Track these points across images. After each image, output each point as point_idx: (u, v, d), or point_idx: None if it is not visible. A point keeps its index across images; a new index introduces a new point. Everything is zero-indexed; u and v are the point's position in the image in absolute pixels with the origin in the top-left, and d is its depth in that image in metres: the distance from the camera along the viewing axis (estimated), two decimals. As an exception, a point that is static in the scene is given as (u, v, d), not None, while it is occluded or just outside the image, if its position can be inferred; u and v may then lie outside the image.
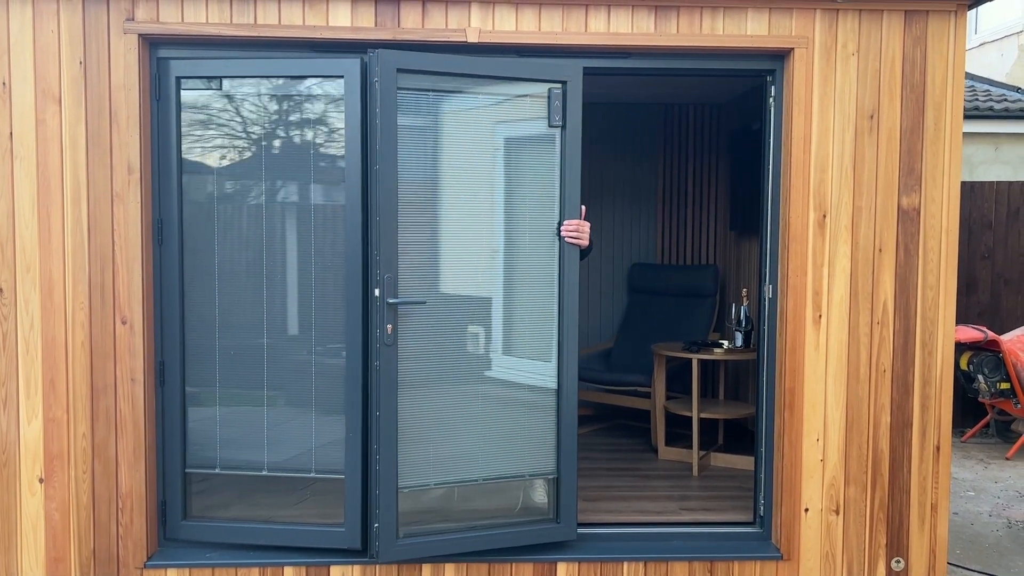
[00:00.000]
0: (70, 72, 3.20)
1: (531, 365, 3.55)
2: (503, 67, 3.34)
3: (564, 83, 3.41)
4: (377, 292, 3.24)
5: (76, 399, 3.28)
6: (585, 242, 3.54)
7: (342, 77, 3.30)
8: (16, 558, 3.29)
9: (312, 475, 3.46)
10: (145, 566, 3.36)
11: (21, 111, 3.20)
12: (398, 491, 3.34)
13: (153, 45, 3.31)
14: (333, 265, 3.38)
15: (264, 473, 3.46)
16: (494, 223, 3.45)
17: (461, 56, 3.31)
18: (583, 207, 3.55)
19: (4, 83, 3.18)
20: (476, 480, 3.49)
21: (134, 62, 3.22)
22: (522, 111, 3.44)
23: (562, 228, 3.46)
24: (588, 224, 3.55)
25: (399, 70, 3.23)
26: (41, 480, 3.28)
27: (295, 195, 3.41)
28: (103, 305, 3.27)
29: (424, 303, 3.33)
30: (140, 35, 3.23)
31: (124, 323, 3.28)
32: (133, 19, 3.23)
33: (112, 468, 3.32)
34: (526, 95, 3.42)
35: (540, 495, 3.62)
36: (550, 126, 3.44)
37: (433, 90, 3.31)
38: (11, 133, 3.20)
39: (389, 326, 3.27)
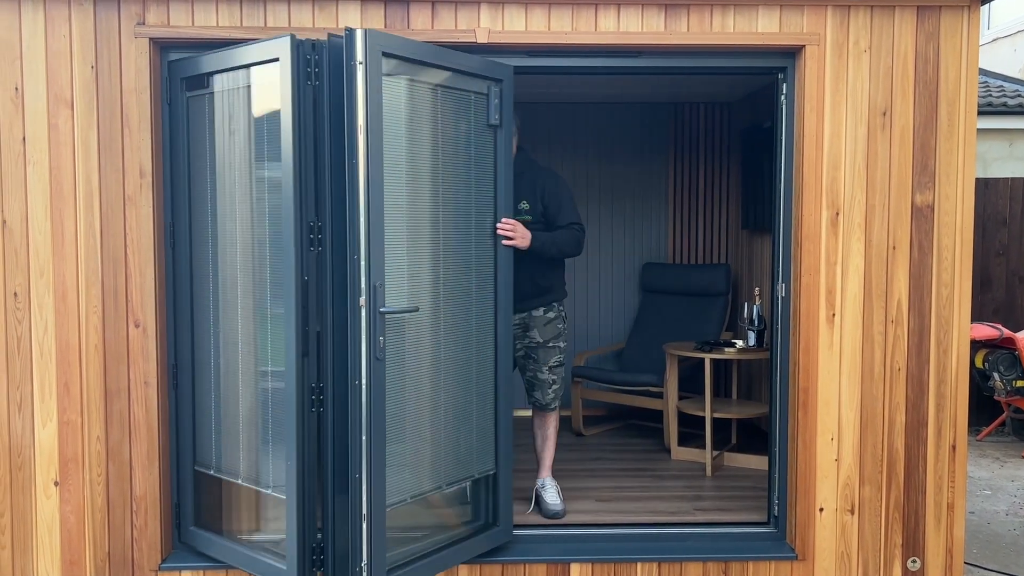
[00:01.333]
0: (82, 76, 3.22)
1: (473, 365, 3.48)
2: (450, 58, 3.21)
3: (500, 81, 3.38)
4: (363, 301, 2.99)
5: (90, 402, 3.29)
6: (520, 242, 3.52)
7: (277, 60, 3.07)
8: (32, 560, 3.31)
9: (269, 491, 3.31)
10: (160, 568, 3.37)
11: (34, 116, 3.21)
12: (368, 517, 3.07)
13: (164, 49, 3.32)
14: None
15: (239, 481, 3.38)
16: (443, 223, 3.32)
17: (427, 44, 3.18)
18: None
19: (17, 88, 3.20)
20: (439, 487, 3.42)
21: (145, 66, 3.24)
22: (469, 108, 3.37)
23: (497, 227, 3.44)
24: (521, 224, 3.56)
25: (385, 53, 3.00)
26: (56, 483, 3.30)
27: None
28: (116, 309, 3.28)
29: (417, 309, 3.20)
30: (151, 39, 3.24)
31: (137, 327, 3.29)
32: (144, 23, 3.24)
33: (126, 471, 3.33)
34: (472, 91, 3.35)
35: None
36: (488, 124, 3.40)
37: (405, 76, 3.11)
38: (24, 137, 3.21)
39: (381, 338, 3.02)
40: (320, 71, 3.08)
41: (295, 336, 3.10)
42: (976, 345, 6.05)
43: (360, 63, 2.92)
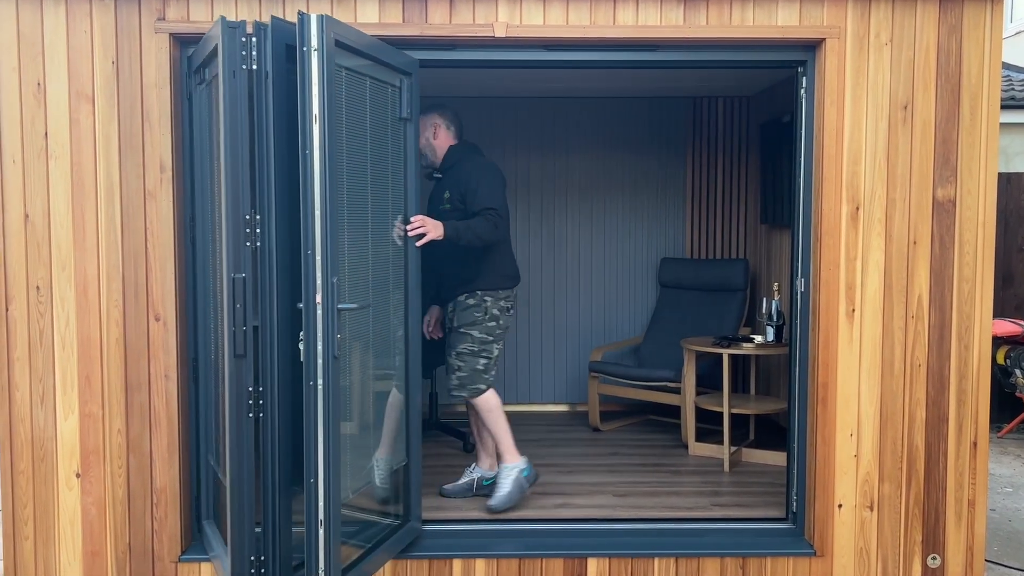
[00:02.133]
0: (103, 72, 3.24)
1: (394, 359, 3.49)
2: (375, 48, 3.16)
3: (410, 75, 3.36)
4: (319, 298, 2.86)
5: (111, 395, 3.32)
6: (433, 233, 3.52)
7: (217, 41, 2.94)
8: (54, 551, 3.35)
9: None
10: (179, 560, 3.40)
11: (56, 111, 3.24)
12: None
13: (184, 44, 3.34)
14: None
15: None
16: (372, 217, 3.29)
17: (367, 35, 3.13)
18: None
19: (39, 83, 3.23)
20: (370, 483, 3.42)
21: (165, 61, 3.25)
22: (387, 100, 3.33)
23: (407, 229, 3.45)
24: (429, 218, 3.57)
25: (338, 43, 2.90)
26: (78, 475, 3.33)
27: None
28: (137, 302, 3.31)
29: (370, 305, 3.17)
30: (171, 34, 3.26)
31: (157, 320, 3.32)
32: (164, 18, 3.25)
33: (147, 463, 3.36)
34: (390, 84, 3.32)
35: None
36: (400, 118, 3.38)
37: (348, 68, 3.04)
38: (46, 133, 3.24)
39: (339, 336, 2.92)
40: (261, 55, 2.93)
41: (229, 336, 3.00)
42: (998, 341, 5.99)
43: (315, 49, 2.80)
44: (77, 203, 3.26)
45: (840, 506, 3.47)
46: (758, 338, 4.87)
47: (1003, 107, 7.61)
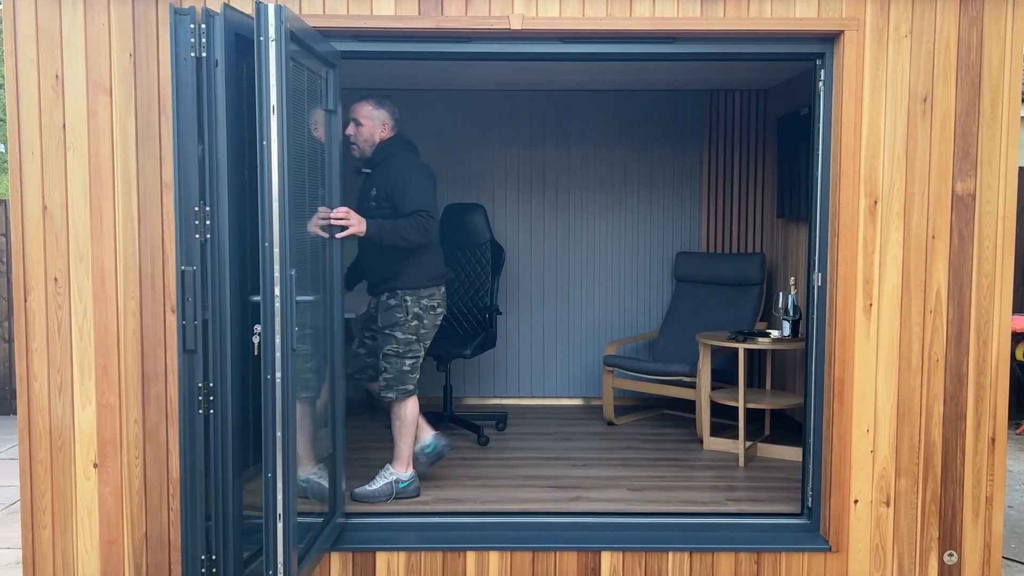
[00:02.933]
0: (120, 64, 3.25)
1: (323, 349, 3.49)
2: (312, 37, 3.15)
3: (334, 67, 3.32)
4: (278, 291, 2.84)
5: (128, 386, 3.34)
6: (356, 228, 3.55)
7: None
8: (72, 541, 3.37)
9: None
10: (195, 550, 3.42)
11: (73, 103, 3.25)
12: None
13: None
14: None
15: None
16: (305, 209, 3.25)
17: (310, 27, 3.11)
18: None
19: (57, 76, 3.24)
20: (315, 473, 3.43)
21: (182, 53, 3.26)
22: (316, 92, 3.31)
23: (331, 218, 3.45)
24: (354, 212, 3.59)
25: (292, 33, 2.89)
26: (95, 465, 3.36)
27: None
28: (153, 294, 3.32)
29: (319, 296, 3.18)
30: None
31: (174, 311, 3.33)
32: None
33: (163, 453, 3.38)
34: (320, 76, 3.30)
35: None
36: (326, 110, 3.35)
37: (296, 61, 3.02)
38: (64, 125, 3.26)
39: (296, 328, 2.93)
40: (209, 43, 2.90)
41: (179, 331, 2.98)
42: (1017, 337, 5.93)
43: (272, 40, 2.77)
44: (95, 195, 3.28)
45: (856, 502, 3.46)
46: (774, 333, 4.85)
47: (1024, 101, 7.53)
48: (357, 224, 3.57)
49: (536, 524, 3.68)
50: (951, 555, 3.48)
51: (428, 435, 4.13)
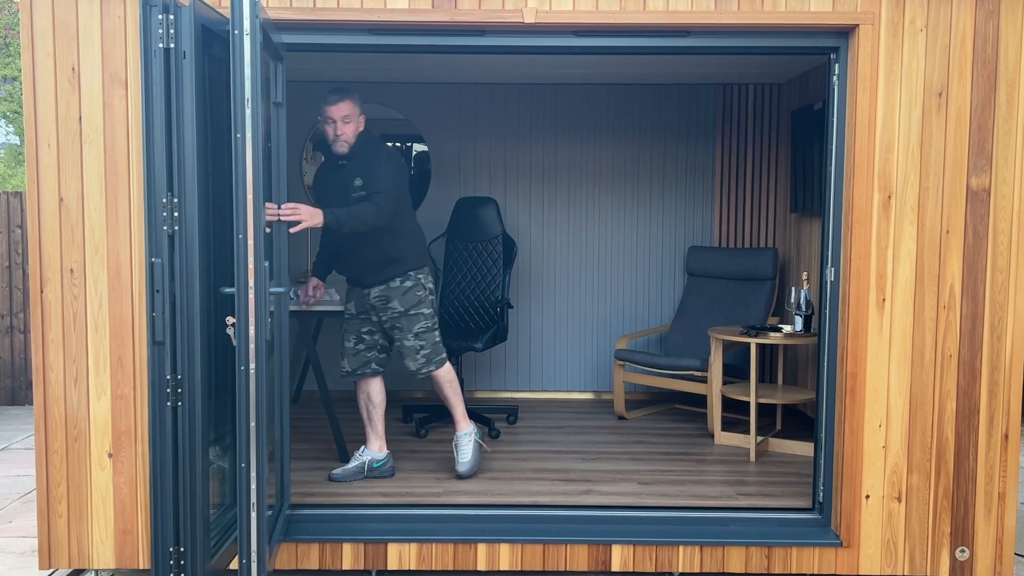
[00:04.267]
0: (136, 56, 3.27)
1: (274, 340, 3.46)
2: (269, 28, 3.15)
3: (281, 60, 3.32)
4: (252, 282, 2.82)
5: (143, 376, 3.36)
6: (309, 221, 3.62)
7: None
8: (87, 529, 3.40)
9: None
10: (209, 540, 3.44)
11: (90, 96, 3.27)
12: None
13: (215, 29, 3.36)
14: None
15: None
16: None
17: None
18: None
19: (74, 68, 3.26)
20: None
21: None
22: (266, 86, 3.24)
23: (279, 214, 3.46)
24: (304, 205, 3.62)
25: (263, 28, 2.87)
26: (110, 455, 3.38)
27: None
28: (168, 285, 3.34)
29: (290, 289, 3.22)
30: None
31: (188, 303, 3.35)
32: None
33: (177, 444, 3.40)
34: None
35: None
36: (274, 103, 3.35)
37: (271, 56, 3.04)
38: (80, 117, 3.28)
39: (270, 320, 2.94)
40: (178, 34, 2.90)
41: (148, 323, 2.99)
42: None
43: (247, 34, 2.77)
44: (110, 187, 3.30)
45: (867, 497, 3.45)
46: (786, 328, 4.84)
47: (1040, 95, 7.47)
48: (309, 217, 3.61)
49: (547, 517, 3.69)
50: (963, 551, 3.47)
51: (384, 451, 4.27)
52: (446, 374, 4.21)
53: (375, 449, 4.22)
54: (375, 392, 4.26)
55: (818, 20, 3.31)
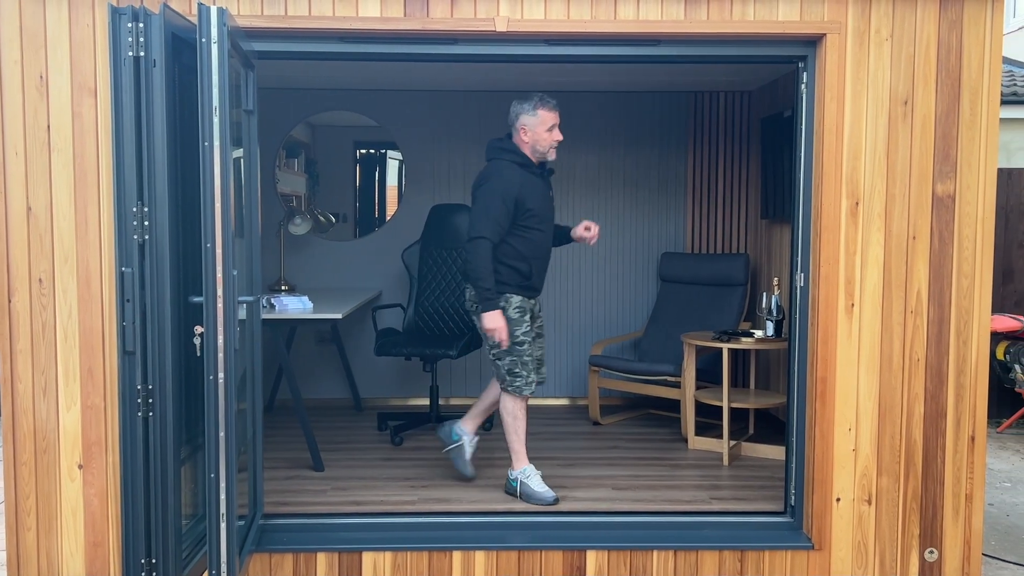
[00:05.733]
0: (105, 65, 3.24)
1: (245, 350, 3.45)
2: (240, 36, 3.19)
3: (253, 68, 3.33)
4: (221, 291, 2.84)
5: (113, 387, 3.33)
6: (501, 325, 3.81)
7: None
8: (57, 542, 3.37)
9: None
10: (181, 551, 3.42)
11: (58, 104, 3.25)
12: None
13: (186, 37, 3.35)
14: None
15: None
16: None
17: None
18: None
19: (41, 76, 3.23)
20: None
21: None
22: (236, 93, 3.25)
23: (500, 341, 3.70)
24: None
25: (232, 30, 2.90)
26: (80, 466, 3.35)
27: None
28: (139, 295, 3.31)
29: (259, 297, 3.28)
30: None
31: (159, 312, 3.33)
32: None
33: (148, 455, 3.37)
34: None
35: None
36: (245, 111, 3.35)
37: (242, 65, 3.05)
38: (48, 126, 3.25)
39: (238, 329, 2.96)
40: (147, 43, 2.90)
41: (118, 333, 2.99)
42: (997, 337, 6.00)
43: (215, 42, 2.79)
44: (80, 196, 3.27)
45: (838, 500, 3.49)
46: (758, 333, 4.88)
47: (1005, 103, 7.61)
48: (497, 321, 3.86)
49: (522, 524, 3.70)
50: (932, 552, 3.52)
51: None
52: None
53: (527, 463, 4.06)
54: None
55: (786, 29, 3.36)
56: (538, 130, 3.88)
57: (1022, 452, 5.77)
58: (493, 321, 3.80)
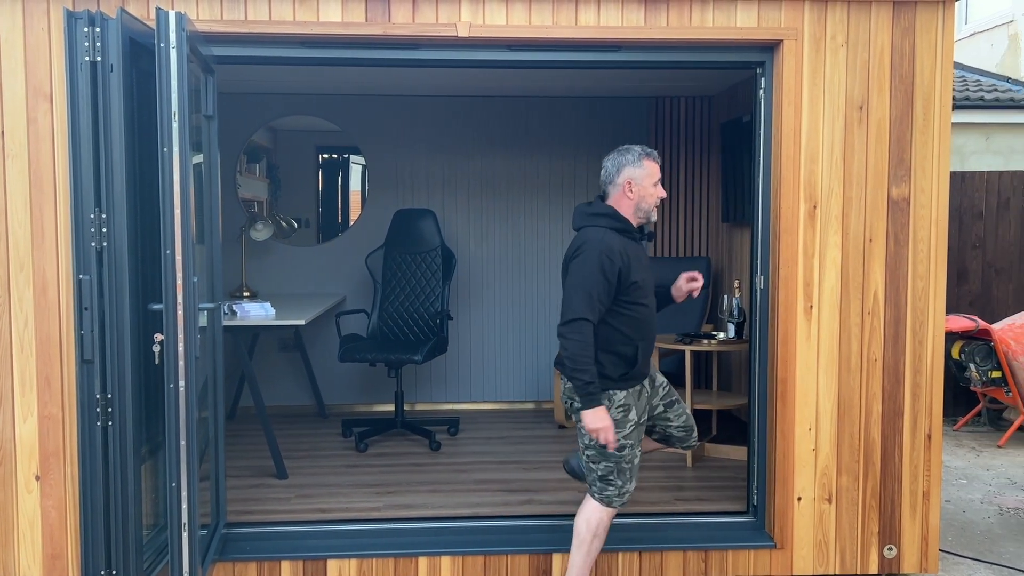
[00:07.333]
0: (61, 70, 3.20)
1: (207, 360, 3.47)
2: (198, 40, 3.16)
3: (212, 73, 3.33)
4: (181, 298, 2.81)
5: (71, 397, 3.28)
6: (608, 424, 3.03)
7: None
8: (14, 555, 3.30)
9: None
10: (142, 562, 3.37)
11: (12, 109, 3.19)
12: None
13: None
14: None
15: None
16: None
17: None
18: None
19: (-5, 81, 3.18)
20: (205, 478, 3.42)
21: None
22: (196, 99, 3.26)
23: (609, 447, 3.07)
24: None
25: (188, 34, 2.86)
26: (37, 477, 3.29)
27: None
28: (97, 302, 3.26)
29: (220, 304, 3.24)
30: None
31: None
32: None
33: (108, 465, 3.32)
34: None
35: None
36: (205, 116, 3.35)
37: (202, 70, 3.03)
38: (2, 131, 3.19)
39: (199, 336, 2.93)
40: (104, 47, 2.87)
41: (76, 341, 2.95)
42: (952, 336, 6.12)
43: (174, 47, 2.78)
44: (36, 203, 3.22)
45: (799, 499, 3.54)
46: (720, 335, 4.93)
47: (959, 107, 7.77)
48: (603, 420, 3.04)
49: (487, 528, 3.70)
50: (891, 549, 3.58)
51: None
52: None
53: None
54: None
55: (744, 35, 3.41)
56: (645, 184, 3.15)
57: (977, 449, 5.90)
58: (597, 420, 3.02)
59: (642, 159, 3.16)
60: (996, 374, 5.98)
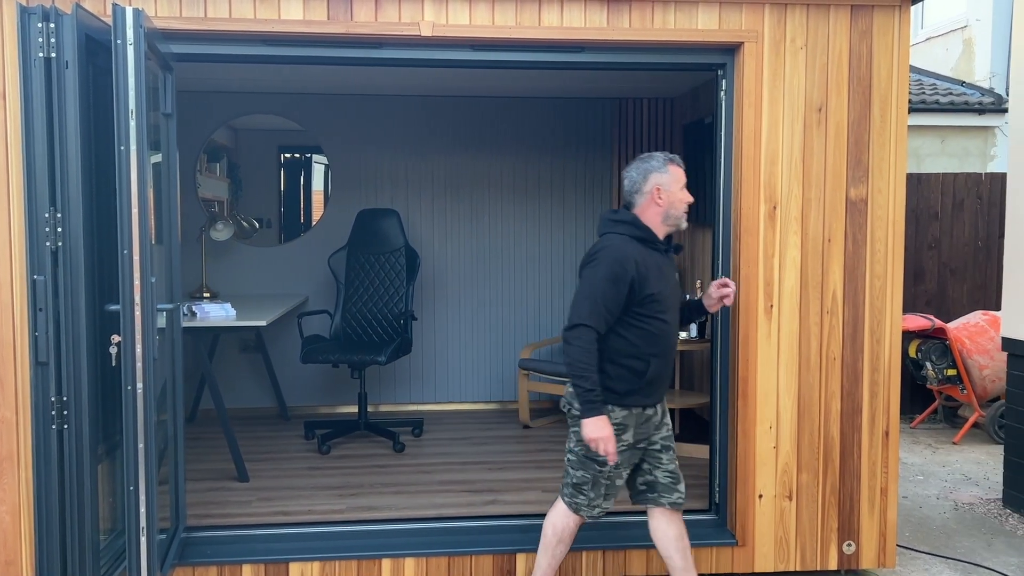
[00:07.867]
0: (15, 67, 3.13)
1: (165, 361, 3.42)
2: (156, 37, 3.11)
3: (171, 70, 3.32)
4: (139, 299, 2.77)
5: (26, 400, 3.21)
6: (608, 434, 2.93)
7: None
8: (-35, 562, 3.22)
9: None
10: (99, 567, 3.31)
11: (-36, 106, 3.12)
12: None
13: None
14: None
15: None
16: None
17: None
18: None
19: (-55, 77, 3.10)
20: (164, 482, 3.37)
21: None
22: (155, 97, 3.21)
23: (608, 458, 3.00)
24: None
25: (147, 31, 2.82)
26: (-10, 482, 3.21)
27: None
28: (52, 303, 3.20)
29: (179, 305, 3.23)
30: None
31: (74, 321, 3.22)
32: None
33: (64, 469, 3.25)
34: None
35: None
36: (163, 114, 3.31)
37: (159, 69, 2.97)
38: (-46, 129, 3.12)
39: (157, 337, 2.89)
40: (59, 43, 2.81)
41: (31, 343, 2.90)
42: (909, 335, 6.23)
43: (131, 43, 2.74)
44: (-12, 201, 3.15)
45: (760, 496, 3.58)
46: (682, 334, 4.97)
47: (916, 110, 7.92)
48: (604, 430, 2.94)
49: (452, 529, 3.69)
50: (849, 545, 3.63)
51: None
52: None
53: None
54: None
55: (705, 37, 3.43)
56: (673, 189, 3.05)
57: (934, 446, 6.00)
58: (597, 429, 2.91)
59: (667, 164, 3.07)
60: (951, 372, 6.09)
